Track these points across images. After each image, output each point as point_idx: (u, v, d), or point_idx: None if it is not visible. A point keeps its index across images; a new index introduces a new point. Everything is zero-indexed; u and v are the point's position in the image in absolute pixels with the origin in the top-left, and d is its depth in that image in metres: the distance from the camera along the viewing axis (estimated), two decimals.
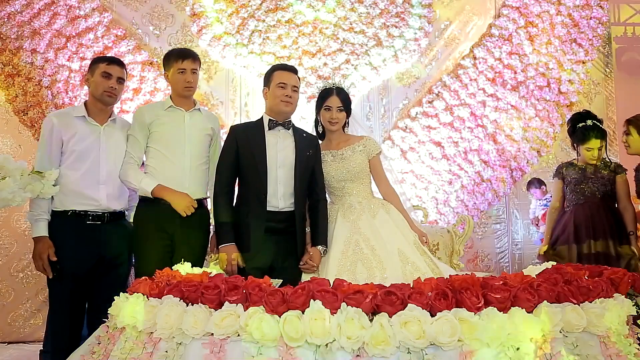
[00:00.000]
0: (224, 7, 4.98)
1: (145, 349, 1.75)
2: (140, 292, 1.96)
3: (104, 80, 2.75)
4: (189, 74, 2.80)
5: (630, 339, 1.89)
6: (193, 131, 2.82)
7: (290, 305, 1.68)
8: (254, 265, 2.54)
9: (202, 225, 2.86)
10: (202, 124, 2.87)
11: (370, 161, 2.84)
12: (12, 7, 4.64)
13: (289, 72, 2.68)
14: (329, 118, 2.79)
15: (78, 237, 2.67)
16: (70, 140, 2.71)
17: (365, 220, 2.68)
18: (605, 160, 3.61)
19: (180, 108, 2.83)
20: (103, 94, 2.76)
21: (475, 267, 5.14)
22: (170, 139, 2.79)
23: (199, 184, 2.84)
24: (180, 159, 2.77)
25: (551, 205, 3.82)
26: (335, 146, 2.84)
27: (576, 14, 5.26)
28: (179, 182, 2.74)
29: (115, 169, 2.78)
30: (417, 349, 1.59)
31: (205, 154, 2.87)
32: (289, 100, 2.64)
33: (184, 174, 2.77)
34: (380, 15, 5.13)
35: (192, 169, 2.79)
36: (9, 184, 2.29)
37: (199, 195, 2.81)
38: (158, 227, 2.72)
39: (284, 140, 2.68)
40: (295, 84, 2.68)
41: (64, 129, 2.71)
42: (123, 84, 2.86)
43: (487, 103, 5.13)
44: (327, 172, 2.80)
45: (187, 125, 2.82)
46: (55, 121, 2.72)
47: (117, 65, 2.81)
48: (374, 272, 2.48)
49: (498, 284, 1.77)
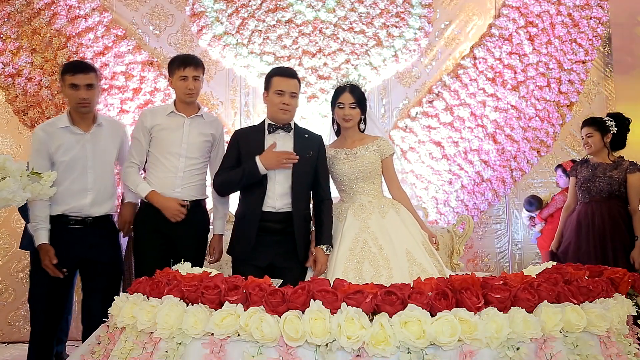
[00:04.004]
0: (224, 7, 4.98)
1: (145, 349, 1.75)
2: (140, 292, 1.96)
3: (73, 92, 2.77)
4: (191, 81, 2.85)
5: (630, 339, 1.89)
6: (191, 137, 2.87)
7: (290, 305, 1.68)
8: (254, 264, 2.56)
9: (200, 227, 2.93)
10: (201, 129, 2.92)
11: (383, 162, 2.86)
12: (12, 7, 4.64)
13: (287, 79, 2.68)
14: (342, 115, 2.80)
15: (60, 240, 2.75)
16: (57, 151, 2.77)
17: (375, 220, 2.69)
18: (618, 158, 3.56)
19: (182, 114, 2.89)
20: (77, 107, 2.80)
21: (475, 267, 5.13)
22: (167, 145, 2.85)
23: (194, 188, 2.89)
24: (174, 164, 2.84)
25: (566, 204, 3.81)
26: (349, 144, 2.86)
27: (576, 14, 5.25)
28: (171, 187, 2.82)
29: (102, 174, 2.85)
30: (417, 349, 1.59)
31: (202, 159, 2.93)
32: (286, 108, 2.66)
33: (176, 178, 2.83)
34: (380, 15, 5.12)
35: (186, 173, 2.85)
36: (9, 184, 2.29)
37: (194, 198, 2.87)
38: (155, 228, 2.81)
39: (283, 143, 2.70)
40: (294, 89, 2.68)
41: (50, 141, 2.77)
42: (94, 89, 2.83)
43: (487, 103, 5.13)
44: (340, 170, 2.82)
45: (185, 132, 2.87)
46: (41, 134, 2.78)
47: (81, 73, 2.77)
48: (380, 271, 2.49)
49: (498, 284, 1.77)
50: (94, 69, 2.86)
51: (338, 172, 2.83)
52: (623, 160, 3.54)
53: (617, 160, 3.54)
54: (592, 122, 3.63)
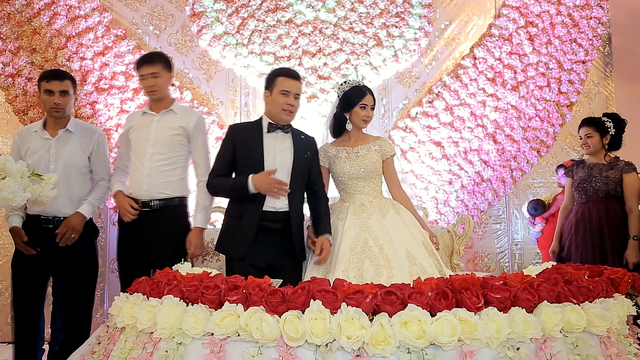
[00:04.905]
0: (224, 7, 4.98)
1: (145, 349, 1.75)
2: (140, 292, 1.97)
3: (48, 97, 2.93)
4: (150, 79, 2.92)
5: (630, 339, 1.89)
6: (158, 134, 2.92)
7: (290, 305, 1.68)
8: (252, 264, 2.55)
9: (174, 223, 2.92)
10: (170, 124, 2.94)
11: (384, 162, 2.87)
12: (12, 7, 4.64)
13: (293, 80, 2.68)
14: (365, 116, 2.81)
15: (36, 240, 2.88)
16: (26, 154, 2.94)
17: (376, 219, 2.70)
18: (613, 159, 3.57)
19: (152, 112, 2.97)
20: (50, 111, 2.95)
21: (475, 267, 5.13)
22: (138, 144, 2.95)
23: (164, 185, 2.90)
24: (142, 162, 2.91)
25: (562, 205, 3.81)
26: (352, 143, 2.87)
27: (576, 14, 5.25)
28: (139, 186, 2.90)
29: (66, 177, 2.93)
30: (417, 349, 1.59)
31: (173, 154, 2.93)
32: (291, 109, 2.67)
33: (142, 177, 2.89)
34: (380, 15, 5.12)
35: (153, 171, 2.88)
36: (9, 184, 2.30)
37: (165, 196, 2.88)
38: (129, 230, 2.90)
39: (282, 143, 2.70)
40: (298, 91, 2.69)
41: (21, 144, 2.97)
42: (69, 95, 2.98)
43: (487, 103, 5.12)
44: (341, 169, 2.82)
45: (153, 129, 2.93)
46: (16, 137, 3.02)
47: (56, 80, 2.93)
48: (381, 270, 2.50)
49: (498, 284, 1.77)
50: (69, 77, 3.02)
51: (339, 171, 2.83)
52: (619, 161, 3.55)
53: (612, 161, 3.56)
54: (591, 123, 3.63)
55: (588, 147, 3.59)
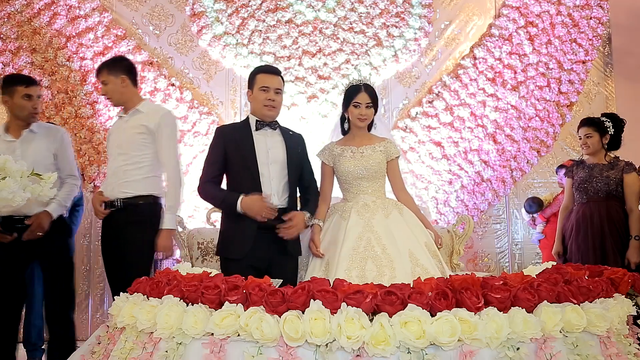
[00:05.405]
0: (224, 7, 4.98)
1: (145, 349, 1.75)
2: (140, 292, 1.96)
3: (27, 102, 2.97)
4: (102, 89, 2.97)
5: (630, 339, 1.89)
6: (122, 134, 2.94)
7: (290, 305, 1.68)
8: (252, 263, 2.54)
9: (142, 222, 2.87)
10: (135, 123, 2.92)
11: (389, 163, 2.87)
12: (12, 7, 4.64)
13: (271, 75, 2.68)
14: (358, 114, 2.79)
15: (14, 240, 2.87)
16: None
17: (379, 219, 2.70)
18: (613, 159, 3.58)
19: (123, 115, 3.00)
20: (29, 116, 2.99)
21: (475, 267, 5.13)
22: (108, 147, 3.05)
23: (129, 184, 2.87)
24: (110, 163, 2.99)
25: (563, 205, 3.81)
26: (357, 143, 2.86)
27: (576, 14, 5.25)
28: (105, 185, 2.96)
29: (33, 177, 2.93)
30: (417, 349, 1.59)
31: (138, 152, 2.89)
32: (272, 104, 2.66)
33: (109, 177, 2.97)
34: (380, 15, 5.13)
35: (118, 170, 2.89)
36: (9, 184, 2.30)
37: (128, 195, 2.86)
38: (104, 229, 2.97)
39: (272, 138, 2.71)
40: (279, 86, 2.68)
41: None
42: (40, 99, 3.10)
43: (487, 103, 5.13)
44: (345, 168, 2.82)
45: (119, 130, 2.97)
46: None
47: (34, 86, 3.02)
48: (383, 270, 2.49)
49: (498, 284, 1.77)
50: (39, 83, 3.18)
51: (343, 170, 2.83)
52: (619, 161, 3.55)
53: (612, 161, 3.56)
54: (591, 123, 3.63)
55: (588, 147, 3.59)
